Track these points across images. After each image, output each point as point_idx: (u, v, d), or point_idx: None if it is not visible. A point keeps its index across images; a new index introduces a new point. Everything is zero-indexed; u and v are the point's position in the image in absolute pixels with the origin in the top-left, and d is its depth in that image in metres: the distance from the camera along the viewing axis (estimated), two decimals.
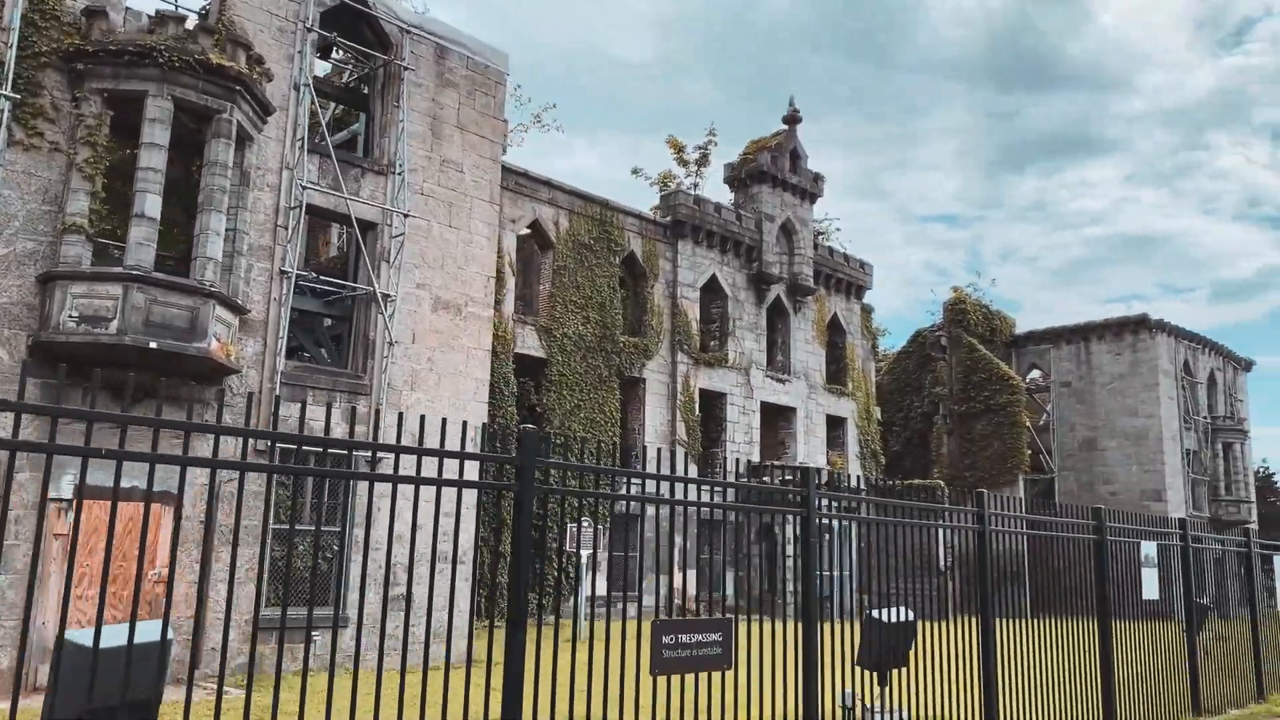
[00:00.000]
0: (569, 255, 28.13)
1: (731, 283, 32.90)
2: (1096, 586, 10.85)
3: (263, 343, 14.94)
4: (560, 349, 27.35)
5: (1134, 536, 11.62)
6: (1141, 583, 11.59)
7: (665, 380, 30.30)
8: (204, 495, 14.04)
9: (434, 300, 17.15)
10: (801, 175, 35.28)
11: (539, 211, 27.68)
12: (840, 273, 36.94)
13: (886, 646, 9.97)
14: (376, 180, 16.68)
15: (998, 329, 44.02)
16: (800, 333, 35.17)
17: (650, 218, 30.69)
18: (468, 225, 17.84)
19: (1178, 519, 12.94)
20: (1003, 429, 40.05)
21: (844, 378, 37.01)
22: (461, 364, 17.44)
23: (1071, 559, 10.96)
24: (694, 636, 6.42)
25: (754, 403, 32.72)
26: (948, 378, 42.20)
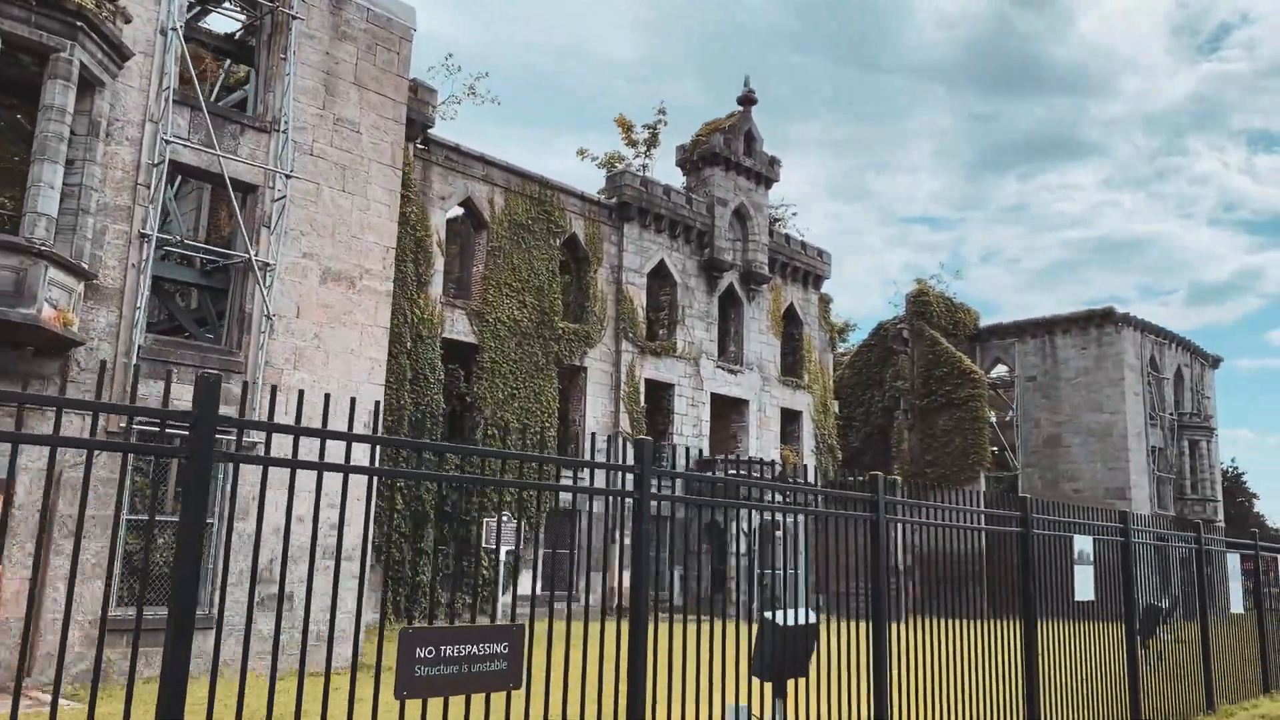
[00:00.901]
0: (504, 236, 26.68)
1: (681, 269, 31.53)
2: (1021, 584, 9.55)
3: (118, 313, 13.42)
4: (493, 334, 25.90)
5: (1065, 530, 10.32)
6: (1074, 581, 10.29)
7: (608, 369, 28.89)
8: (43, 482, 12.52)
9: (323, 271, 15.66)
10: (757, 159, 33.95)
11: (472, 189, 26.22)
12: (797, 261, 35.66)
13: (785, 654, 8.68)
14: (258, 139, 15.18)
15: (961, 322, 42.92)
16: (754, 322, 33.85)
17: (594, 199, 29.27)
18: (364, 191, 16.37)
19: (1119, 512, 11.67)
20: (964, 424, 38.90)
21: (800, 370, 35.73)
22: (354, 342, 15.96)
23: (1001, 555, 9.66)
24: (465, 648, 5.04)
25: (704, 394, 31.38)
26: (909, 371, 41.03)
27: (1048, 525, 10.04)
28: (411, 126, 24.31)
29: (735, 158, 33.06)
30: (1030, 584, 9.44)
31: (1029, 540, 9.56)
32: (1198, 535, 13.31)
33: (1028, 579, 9.46)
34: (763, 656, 9.09)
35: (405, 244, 23.79)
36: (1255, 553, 15.13)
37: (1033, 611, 9.39)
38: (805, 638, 9.18)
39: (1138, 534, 11.97)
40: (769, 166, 34.34)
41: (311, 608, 15.65)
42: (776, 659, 8.88)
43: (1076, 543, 10.53)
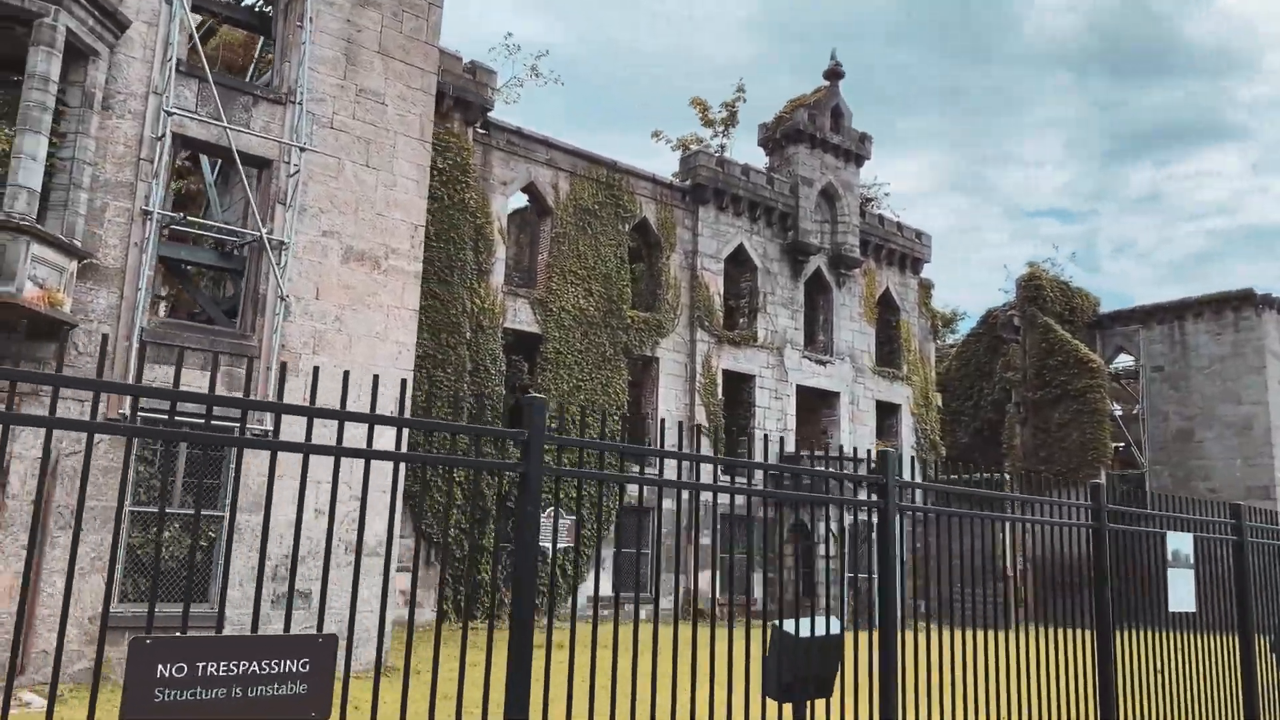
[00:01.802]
0: (569, 222, 25.57)
1: (762, 253, 29.83)
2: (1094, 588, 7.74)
3: (119, 294, 12.78)
4: (558, 324, 24.81)
5: (1153, 525, 8.42)
6: (1166, 586, 8.38)
7: (682, 360, 27.46)
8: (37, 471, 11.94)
9: (344, 250, 14.77)
10: (845, 135, 31.96)
11: (535, 174, 25.20)
12: (893, 243, 33.45)
13: (805, 670, 7.19)
14: (273, 111, 14.39)
15: (1078, 308, 39.70)
16: (845, 309, 31.84)
17: (666, 181, 27.89)
18: (390, 166, 15.42)
19: (1230, 506, 9.61)
20: (1082, 417, 35.89)
21: (898, 360, 33.50)
22: (379, 325, 15.02)
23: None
24: (238, 665, 3.77)
25: (789, 386, 29.59)
26: (1021, 361, 38.15)
27: (1129, 519, 8.17)
28: (470, 109, 23.50)
29: (821, 134, 31.15)
30: (1105, 588, 7.61)
31: (1102, 537, 7.73)
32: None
33: (1101, 582, 7.63)
34: (778, 673, 7.64)
35: (464, 231, 22.96)
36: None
37: (1106, 620, 7.56)
38: (829, 651, 7.66)
39: (1259, 532, 9.87)
40: (859, 143, 32.29)
41: (337, 608, 14.89)
42: (795, 676, 7.43)
43: (1171, 541, 8.60)
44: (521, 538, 4.76)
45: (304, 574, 13.77)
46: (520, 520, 4.79)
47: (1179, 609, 8.42)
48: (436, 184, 22.65)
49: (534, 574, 4.81)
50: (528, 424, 4.80)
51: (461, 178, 23.14)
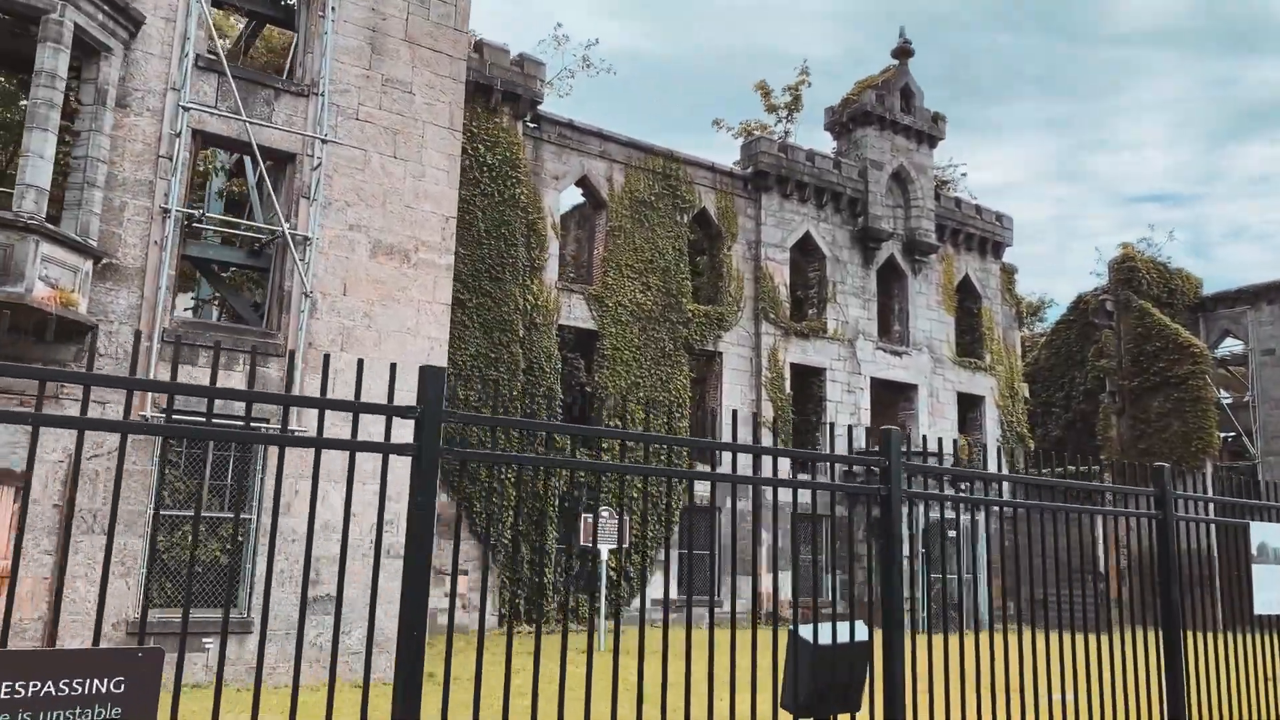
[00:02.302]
0: (625, 215, 24.89)
1: (830, 241, 28.65)
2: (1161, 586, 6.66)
3: (139, 294, 12.56)
4: (614, 319, 24.14)
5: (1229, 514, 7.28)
6: (1250, 583, 7.22)
7: (747, 354, 26.50)
8: (59, 475, 11.77)
9: (372, 245, 14.35)
10: (916, 115, 30.54)
11: (588, 166, 24.60)
12: (971, 227, 31.84)
13: (826, 681, 6.36)
14: (296, 104, 14.06)
15: (1178, 290, 37.26)
16: (921, 297, 30.41)
17: (726, 169, 26.98)
18: (419, 156, 14.96)
19: None
20: (1184, 406, 33.60)
21: (980, 349, 31.87)
22: (410, 320, 14.56)
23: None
24: (33, 687, 3.14)
25: (862, 378, 28.34)
26: (1115, 348, 35.98)
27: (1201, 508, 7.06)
28: (518, 103, 23.04)
29: (890, 115, 29.81)
30: (1171, 587, 6.53)
31: (1168, 528, 6.64)
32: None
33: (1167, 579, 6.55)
34: (795, 684, 6.79)
35: (515, 228, 22.50)
36: None
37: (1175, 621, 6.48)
38: (855, 660, 6.78)
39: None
40: (931, 123, 30.82)
41: (352, 612, 14.44)
42: (816, 687, 6.58)
43: (1256, 534, 7.43)
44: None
45: (330, 578, 13.36)
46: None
47: (1267, 610, 7.25)
48: (486, 180, 22.26)
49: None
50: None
51: (511, 173, 22.68)
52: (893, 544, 5.55)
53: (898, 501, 5.58)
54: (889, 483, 5.57)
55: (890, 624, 5.55)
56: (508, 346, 21.90)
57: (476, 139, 22.33)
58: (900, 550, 5.66)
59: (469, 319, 21.51)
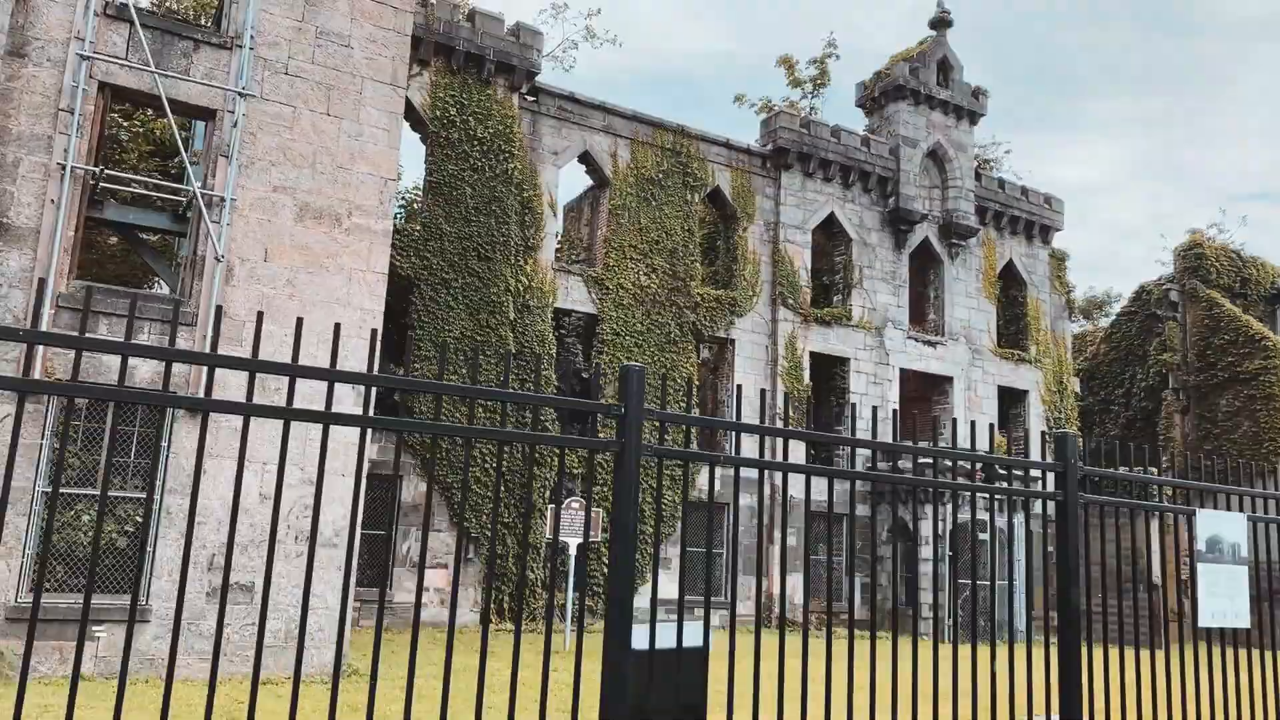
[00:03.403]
0: (630, 193, 23.59)
1: (857, 223, 26.91)
2: (1059, 583, 5.16)
3: (33, 255, 11.75)
4: (616, 303, 22.86)
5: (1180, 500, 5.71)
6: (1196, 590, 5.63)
7: (762, 341, 24.96)
8: None
9: (300, 208, 13.35)
10: (955, 89, 28.58)
11: (590, 141, 23.38)
12: (1016, 209, 29.70)
13: (656, 693, 5.23)
14: (218, 57, 13.14)
15: (1253, 280, 34.40)
16: (959, 284, 28.43)
17: (742, 146, 25.47)
18: (356, 114, 13.92)
19: None
20: (1255, 404, 30.89)
21: (1024, 341, 29.72)
22: (340, 290, 13.51)
23: None
24: None
25: (890, 369, 26.53)
26: (1180, 342, 33.34)
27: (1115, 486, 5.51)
28: (514, 74, 21.96)
29: (926, 89, 27.91)
30: (1070, 586, 5.01)
31: (1066, 511, 5.14)
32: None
33: (1064, 577, 5.05)
34: (619, 697, 5.55)
35: (508, 205, 21.41)
36: None
37: (1074, 631, 4.95)
38: (688, 670, 5.59)
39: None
40: (971, 98, 28.82)
41: (273, 601, 13.38)
42: (646, 703, 5.42)
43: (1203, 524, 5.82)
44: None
45: (246, 565, 12.38)
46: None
47: (1216, 623, 5.64)
48: (477, 154, 21.23)
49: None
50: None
51: (505, 147, 21.60)
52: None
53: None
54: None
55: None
56: (496, 329, 20.81)
57: (467, 111, 21.31)
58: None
59: (454, 299, 20.48)
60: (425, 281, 20.30)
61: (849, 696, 4.35)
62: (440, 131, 21.05)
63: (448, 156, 21.00)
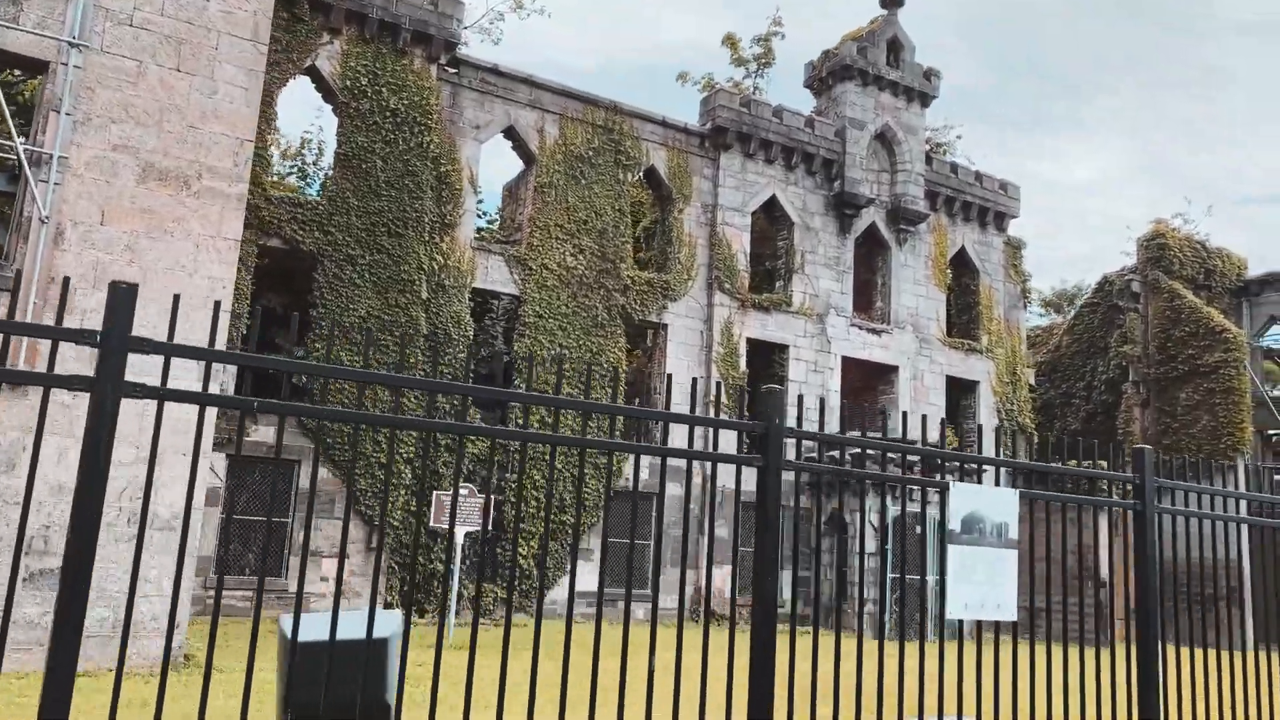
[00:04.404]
0: (557, 170, 22.72)
1: (800, 206, 26.06)
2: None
3: None
4: (539, 284, 22.00)
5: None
6: (943, 574, 4.80)
7: (697, 327, 24.11)
8: None
9: (142, 168, 12.48)
10: (905, 70, 27.72)
11: (515, 116, 22.50)
12: (969, 194, 28.86)
13: (314, 690, 4.60)
14: (52, 5, 12.27)
15: (1217, 271, 33.55)
16: (908, 271, 27.60)
17: (679, 125, 24.60)
18: (210, 71, 13.05)
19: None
20: (1214, 397, 30.10)
21: (975, 330, 28.90)
22: (187, 257, 12.65)
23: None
24: None
25: (831, 357, 25.70)
26: (1141, 334, 32.54)
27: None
28: (431, 44, 21.10)
29: (874, 70, 27.05)
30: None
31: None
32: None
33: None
34: (290, 691, 4.89)
35: (422, 179, 20.55)
36: None
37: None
38: (361, 665, 4.87)
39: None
40: (923, 80, 27.96)
41: (112, 591, 12.60)
42: (303, 698, 4.73)
43: (958, 499, 4.99)
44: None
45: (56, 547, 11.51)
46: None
47: (967, 614, 4.82)
48: (389, 126, 20.37)
49: None
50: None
51: (421, 120, 20.72)
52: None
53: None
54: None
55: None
56: (406, 309, 19.95)
57: (380, 81, 20.44)
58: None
59: (360, 277, 19.63)
60: (329, 258, 19.44)
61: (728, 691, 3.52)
62: (350, 102, 20.18)
63: (358, 128, 20.14)
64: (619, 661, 4.24)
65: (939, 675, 4.72)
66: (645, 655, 4.48)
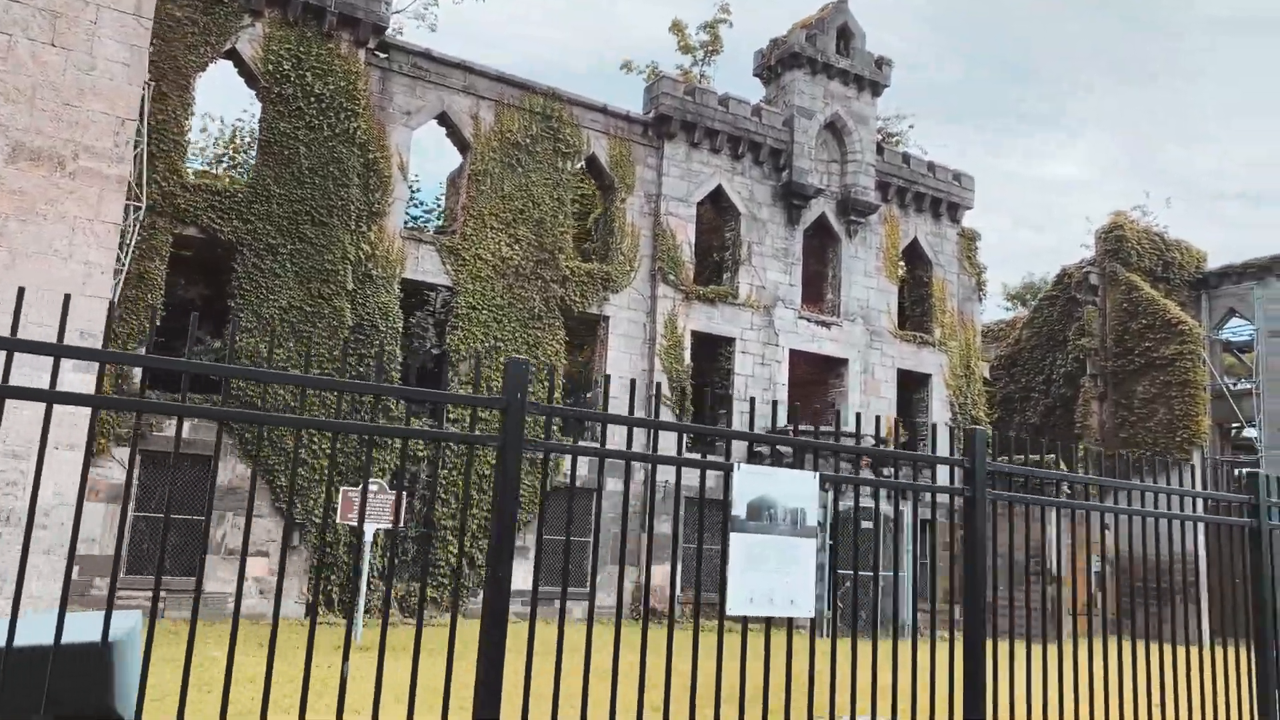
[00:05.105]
0: (493, 158, 22.15)
1: (747, 196, 25.57)
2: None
3: None
4: (473, 274, 21.42)
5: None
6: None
7: (640, 319, 23.59)
8: None
9: (12, 147, 11.86)
10: (856, 58, 27.27)
11: (449, 102, 21.91)
12: (922, 185, 28.45)
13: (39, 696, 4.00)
14: None
15: (1176, 263, 33.29)
16: (858, 263, 27.15)
17: (621, 113, 24.07)
18: (88, 46, 12.43)
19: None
20: (1170, 390, 29.83)
21: (928, 322, 28.49)
22: (61, 241, 12.03)
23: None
24: None
25: (779, 350, 25.22)
26: (1098, 327, 32.23)
27: None
28: (359, 28, 20.50)
29: (824, 58, 26.59)
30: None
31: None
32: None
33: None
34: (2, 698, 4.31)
35: (348, 166, 19.96)
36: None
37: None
38: (65, 674, 4.33)
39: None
40: (874, 68, 27.52)
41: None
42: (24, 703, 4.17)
43: (743, 484, 4.48)
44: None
45: None
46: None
47: (752, 609, 4.31)
48: (313, 112, 19.76)
49: None
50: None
51: (348, 105, 20.12)
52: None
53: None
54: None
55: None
56: (330, 300, 19.35)
57: (305, 66, 19.84)
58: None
59: (281, 268, 19.01)
60: (249, 248, 18.82)
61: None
62: (273, 87, 19.57)
63: (281, 114, 19.52)
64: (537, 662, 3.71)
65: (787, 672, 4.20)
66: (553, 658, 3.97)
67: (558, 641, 4.01)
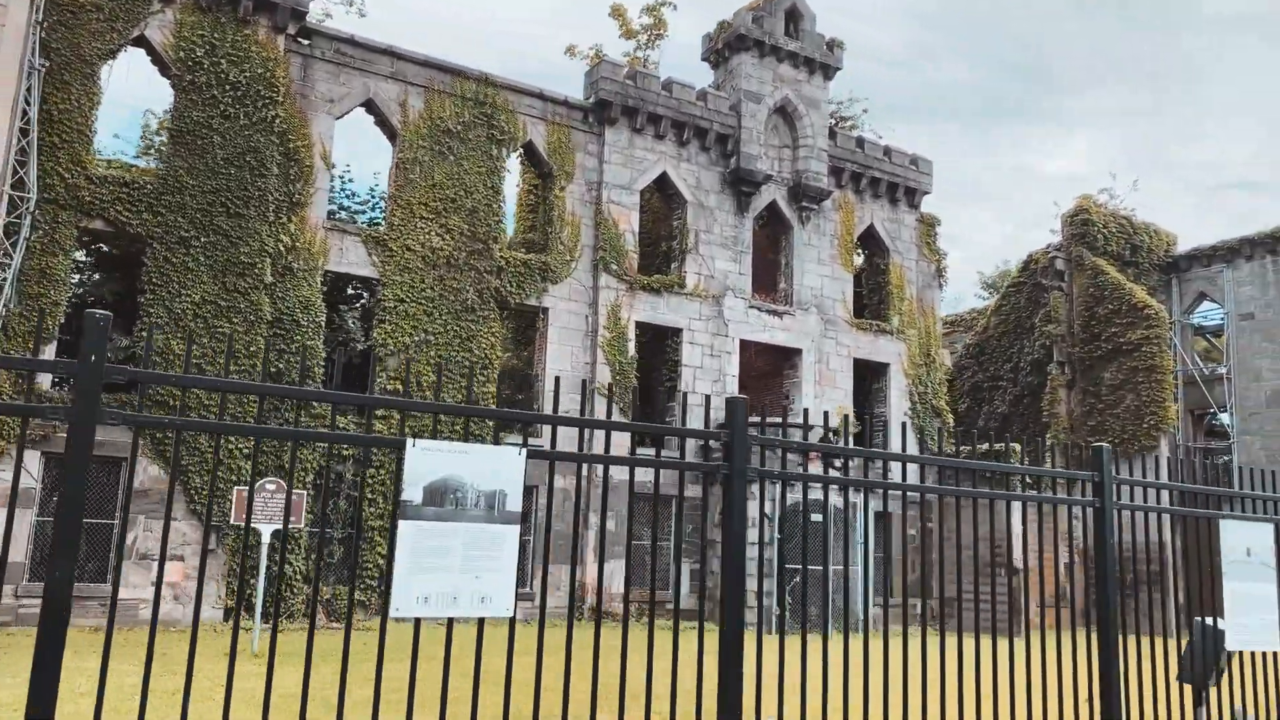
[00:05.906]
0: (422, 146, 21.40)
1: (694, 184, 24.85)
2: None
3: None
4: (401, 266, 20.68)
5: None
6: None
7: (582, 311, 22.87)
8: None
9: None
10: (806, 40, 26.55)
11: (375, 89, 21.17)
12: (878, 170, 27.73)
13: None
14: None
15: (1145, 247, 32.61)
16: (811, 250, 26.44)
17: (559, 98, 23.33)
18: None
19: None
20: (1137, 375, 29.18)
21: (885, 310, 27.78)
22: None
23: None
24: None
25: (729, 340, 24.50)
26: (1065, 313, 31.55)
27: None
28: (277, 13, 19.74)
29: (771, 40, 25.86)
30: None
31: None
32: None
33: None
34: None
35: (266, 155, 19.22)
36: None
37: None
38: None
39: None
40: (825, 50, 26.80)
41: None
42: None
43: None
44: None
45: None
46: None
47: (424, 610, 3.61)
48: (228, 100, 19.02)
49: None
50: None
51: (266, 93, 19.37)
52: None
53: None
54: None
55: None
56: (247, 294, 18.61)
57: (219, 53, 19.09)
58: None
59: (194, 261, 18.27)
60: (160, 240, 18.08)
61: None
62: (185, 75, 18.82)
63: (194, 102, 18.78)
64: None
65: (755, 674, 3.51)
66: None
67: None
